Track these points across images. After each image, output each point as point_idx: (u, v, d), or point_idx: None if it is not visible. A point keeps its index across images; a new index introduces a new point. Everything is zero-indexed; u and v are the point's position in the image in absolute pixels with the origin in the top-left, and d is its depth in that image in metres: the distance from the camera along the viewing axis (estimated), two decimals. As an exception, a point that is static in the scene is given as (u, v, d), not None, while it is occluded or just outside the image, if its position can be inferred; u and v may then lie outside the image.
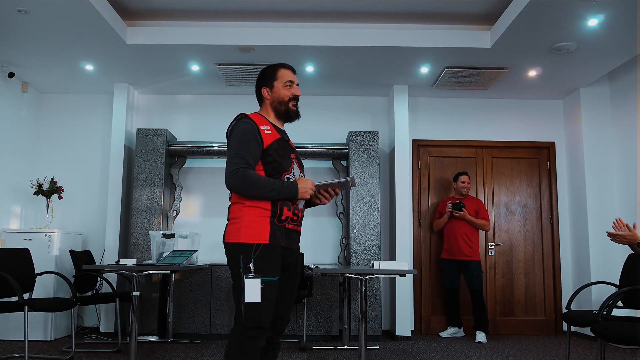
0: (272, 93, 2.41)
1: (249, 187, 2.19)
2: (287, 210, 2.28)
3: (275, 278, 2.21)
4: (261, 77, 2.46)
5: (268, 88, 2.42)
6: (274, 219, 2.24)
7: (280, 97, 2.40)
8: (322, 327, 5.13)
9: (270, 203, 2.24)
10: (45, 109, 5.99)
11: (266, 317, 2.18)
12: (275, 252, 2.23)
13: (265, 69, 2.48)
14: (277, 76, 2.41)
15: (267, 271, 2.17)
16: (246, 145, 2.23)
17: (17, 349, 4.42)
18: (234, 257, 2.21)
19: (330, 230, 5.83)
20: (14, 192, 5.48)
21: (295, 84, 2.44)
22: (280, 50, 4.75)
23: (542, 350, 4.74)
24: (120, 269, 3.95)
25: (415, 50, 4.77)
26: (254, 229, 2.21)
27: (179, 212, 5.76)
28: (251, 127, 2.28)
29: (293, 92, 2.42)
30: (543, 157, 6.02)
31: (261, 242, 2.20)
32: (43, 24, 4.21)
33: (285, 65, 2.47)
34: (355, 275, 3.74)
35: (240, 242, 2.20)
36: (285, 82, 2.40)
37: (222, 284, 5.19)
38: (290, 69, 2.46)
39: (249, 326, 2.15)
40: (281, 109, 2.41)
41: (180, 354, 4.40)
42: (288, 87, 2.41)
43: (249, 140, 2.25)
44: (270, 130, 2.32)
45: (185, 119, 6.01)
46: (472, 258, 5.23)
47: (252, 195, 2.21)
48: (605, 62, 4.94)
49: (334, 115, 6.01)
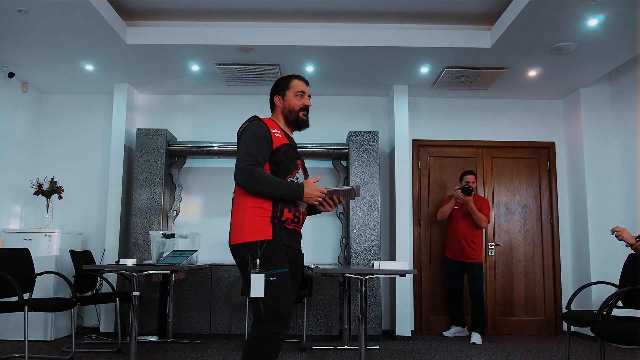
0: (283, 101, 2.52)
1: (256, 183, 2.25)
2: (288, 211, 2.34)
3: (286, 269, 2.28)
4: (275, 86, 2.57)
5: (280, 96, 2.53)
6: (274, 219, 2.31)
7: (291, 105, 2.50)
8: (322, 327, 5.13)
9: (272, 204, 2.31)
10: (45, 109, 5.99)
11: (285, 307, 2.23)
12: (279, 246, 2.30)
13: (279, 79, 2.61)
14: (290, 86, 2.52)
15: (276, 264, 2.25)
16: (257, 145, 2.30)
17: (17, 349, 4.42)
18: (242, 257, 2.28)
19: (330, 230, 5.83)
20: (14, 192, 5.48)
21: (307, 95, 2.54)
22: (280, 50, 4.75)
23: (542, 350, 4.74)
24: (120, 269, 3.95)
25: (415, 50, 4.77)
26: (256, 227, 2.28)
27: (179, 212, 5.76)
28: (263, 129, 2.36)
29: (304, 102, 2.52)
30: (543, 157, 6.02)
31: (265, 238, 2.27)
32: (43, 24, 4.22)
33: (299, 76, 2.58)
34: (355, 275, 3.74)
35: (245, 241, 2.27)
36: (297, 92, 2.51)
37: (222, 284, 5.19)
38: (303, 81, 2.57)
39: (271, 321, 2.20)
40: (291, 117, 2.50)
41: (180, 354, 4.40)
42: (299, 97, 2.51)
43: (260, 140, 2.32)
44: (280, 134, 2.41)
45: (185, 119, 6.02)
46: (475, 260, 5.21)
47: (259, 191, 2.27)
48: (605, 62, 4.94)
49: (334, 115, 6.01)
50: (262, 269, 2.19)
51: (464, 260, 5.24)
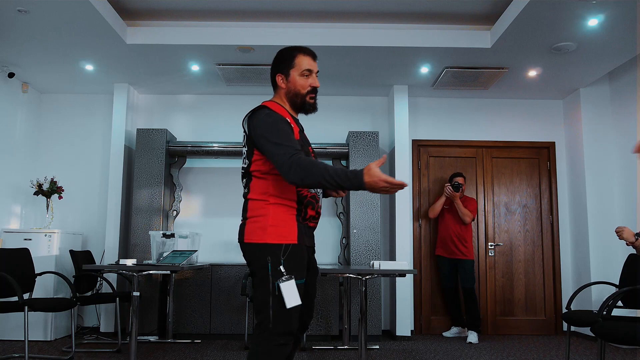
0: (287, 82, 2.15)
1: (307, 176, 1.88)
2: (311, 209, 2.13)
3: (303, 280, 2.06)
4: (277, 62, 2.17)
5: (283, 76, 2.15)
6: (299, 217, 2.08)
7: (296, 88, 2.14)
8: (322, 327, 5.13)
9: (297, 201, 2.07)
10: (45, 109, 5.99)
11: (295, 321, 2.02)
12: (303, 252, 2.08)
13: (282, 51, 2.18)
14: (294, 63, 2.13)
15: (296, 274, 2.01)
16: (285, 133, 1.99)
17: (17, 349, 4.42)
18: (260, 258, 2.00)
19: (330, 230, 5.83)
20: (14, 192, 5.47)
21: (315, 73, 2.17)
22: (280, 50, 4.75)
23: (542, 350, 4.74)
24: (120, 269, 3.95)
25: (415, 50, 4.77)
26: (282, 228, 2.02)
27: (179, 212, 5.76)
28: (281, 116, 2.06)
29: (311, 83, 2.16)
30: (543, 157, 6.02)
31: (290, 242, 2.01)
32: (43, 24, 4.21)
33: (305, 50, 2.17)
34: (355, 275, 3.74)
35: (267, 242, 2.00)
36: (302, 70, 2.14)
37: (222, 284, 5.19)
38: (309, 55, 2.17)
39: (278, 332, 1.97)
40: (297, 100, 2.16)
41: (180, 354, 4.39)
42: (306, 76, 2.15)
43: (284, 128, 2.01)
44: (291, 123, 2.12)
45: (185, 119, 6.02)
46: (466, 257, 5.30)
47: (314, 182, 1.90)
48: (605, 62, 4.94)
49: (334, 115, 6.01)
50: (290, 276, 1.96)
51: (455, 257, 5.32)
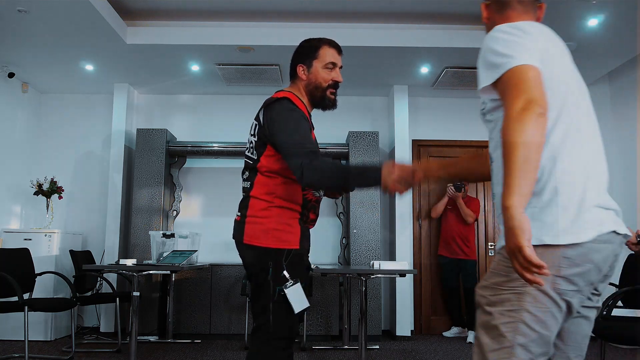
0: (309, 74, 2.05)
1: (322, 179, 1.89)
2: (313, 212, 2.08)
3: (304, 284, 2.03)
4: (299, 52, 2.09)
5: (305, 66, 2.05)
6: (301, 221, 2.03)
7: (317, 81, 2.04)
8: (322, 327, 5.12)
9: (301, 205, 2.02)
10: (45, 109, 5.99)
11: (295, 325, 1.97)
12: (302, 258, 2.03)
13: (306, 41, 2.10)
14: (319, 54, 2.03)
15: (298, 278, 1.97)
16: (306, 133, 1.95)
17: (17, 349, 4.42)
18: (260, 261, 1.94)
19: (330, 230, 5.83)
20: (14, 192, 5.47)
21: (338, 67, 2.06)
22: (280, 50, 4.75)
23: (542, 350, 4.74)
24: (120, 269, 3.95)
25: (415, 50, 4.77)
26: (285, 233, 1.96)
27: (179, 212, 5.76)
28: (303, 113, 2.00)
29: (333, 77, 2.05)
30: (543, 157, 6.01)
31: (292, 247, 1.96)
32: (43, 24, 4.21)
33: (331, 42, 2.07)
34: (355, 275, 3.74)
35: (268, 246, 1.93)
36: (326, 63, 2.03)
37: (222, 284, 5.19)
38: (335, 48, 2.06)
39: (277, 336, 1.92)
40: (317, 94, 2.07)
41: (180, 354, 4.39)
42: (329, 69, 2.04)
43: (306, 127, 1.96)
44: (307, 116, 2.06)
45: (185, 119, 6.02)
46: (468, 257, 5.32)
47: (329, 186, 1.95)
48: (605, 62, 4.94)
49: (334, 115, 5.92)
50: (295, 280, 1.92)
51: (458, 257, 5.33)
